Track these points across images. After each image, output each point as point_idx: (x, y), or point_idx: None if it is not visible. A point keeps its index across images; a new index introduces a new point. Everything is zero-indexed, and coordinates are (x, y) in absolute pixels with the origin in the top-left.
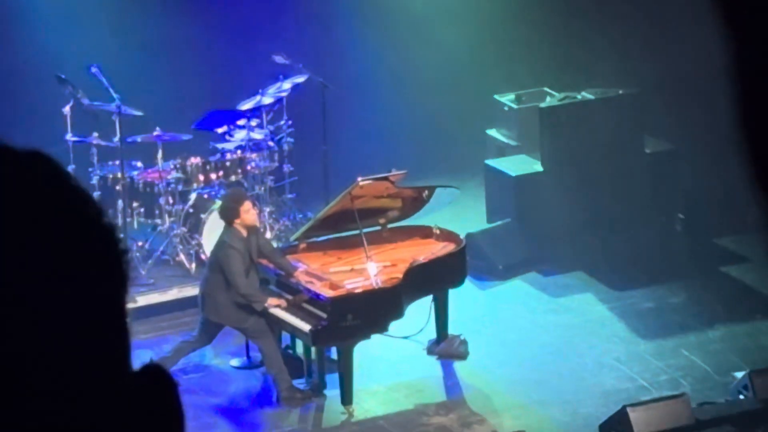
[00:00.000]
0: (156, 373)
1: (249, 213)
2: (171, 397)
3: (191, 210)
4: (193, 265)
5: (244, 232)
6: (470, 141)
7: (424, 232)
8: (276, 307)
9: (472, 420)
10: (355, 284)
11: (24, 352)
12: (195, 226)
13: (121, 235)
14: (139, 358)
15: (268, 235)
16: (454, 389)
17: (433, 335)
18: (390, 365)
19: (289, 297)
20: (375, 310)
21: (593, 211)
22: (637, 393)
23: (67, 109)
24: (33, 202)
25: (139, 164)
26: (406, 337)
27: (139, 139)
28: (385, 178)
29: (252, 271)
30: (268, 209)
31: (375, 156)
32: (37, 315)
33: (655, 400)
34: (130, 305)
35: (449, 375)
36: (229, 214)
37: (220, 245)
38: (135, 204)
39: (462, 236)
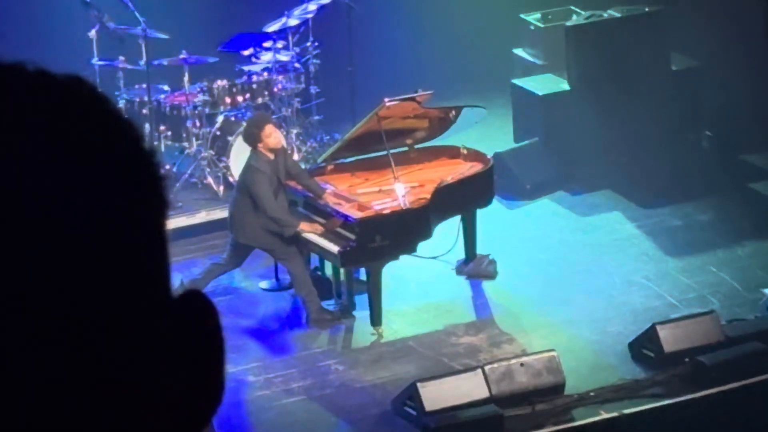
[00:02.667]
0: (197, 299)
1: (271, 137)
2: (213, 323)
3: (218, 133)
4: (221, 188)
5: (270, 155)
6: (496, 60)
7: (452, 152)
8: (309, 231)
9: (501, 339)
10: (383, 205)
11: (64, 280)
12: (222, 148)
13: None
14: None
15: (296, 157)
16: (482, 309)
17: (462, 255)
18: (419, 286)
19: (320, 220)
20: (403, 231)
21: (620, 130)
22: (666, 311)
23: (92, 33)
24: (74, 128)
25: (166, 87)
26: (434, 258)
27: (165, 62)
28: (412, 99)
29: (281, 193)
30: (295, 131)
31: (401, 76)
32: (80, 241)
33: (684, 318)
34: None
35: (478, 295)
36: (252, 139)
37: (247, 169)
38: (162, 127)
39: (489, 156)
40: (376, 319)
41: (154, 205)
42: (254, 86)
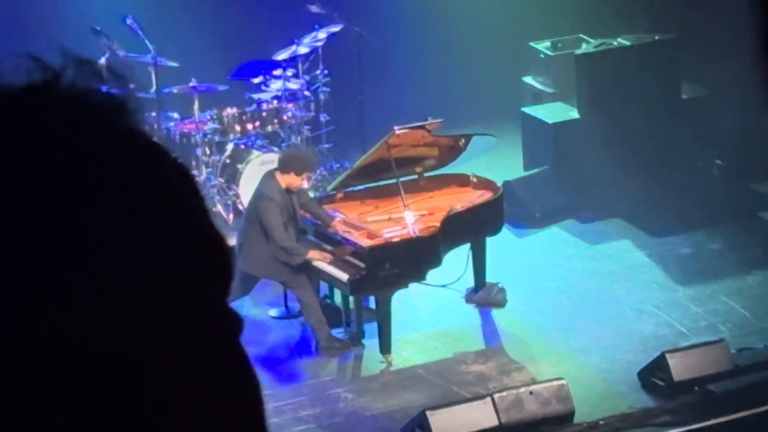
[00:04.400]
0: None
1: (299, 181)
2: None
3: (228, 161)
4: (231, 216)
5: (284, 185)
6: (506, 88)
7: (461, 180)
8: (318, 259)
9: (511, 368)
10: (392, 233)
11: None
12: (232, 176)
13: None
14: None
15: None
16: (492, 337)
17: (471, 283)
18: (428, 314)
19: (330, 249)
20: (413, 259)
21: (630, 158)
22: (676, 339)
23: (102, 61)
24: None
25: (176, 115)
26: (443, 286)
27: (175, 90)
28: (422, 127)
29: (291, 225)
30: None
31: (411, 104)
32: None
33: (693, 346)
34: None
35: (487, 323)
36: (286, 166)
37: (258, 196)
38: None
39: (499, 184)
40: (385, 347)
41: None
42: (264, 114)
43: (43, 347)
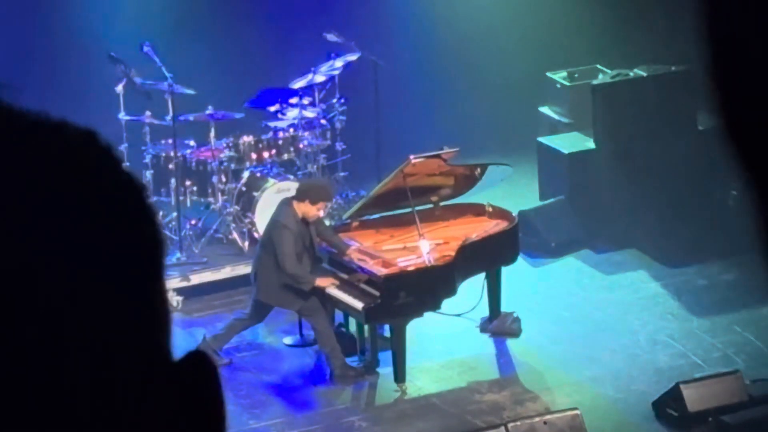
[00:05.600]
0: (199, 362)
1: (314, 210)
2: (214, 390)
3: (244, 188)
4: (246, 244)
5: (300, 214)
6: (522, 118)
7: (477, 210)
8: (325, 286)
9: (525, 397)
10: (407, 262)
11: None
12: (248, 204)
13: (170, 219)
14: (192, 336)
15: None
16: (506, 367)
17: (486, 313)
18: (443, 343)
19: (345, 277)
20: (428, 288)
21: (646, 189)
22: (691, 370)
23: (119, 88)
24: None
25: (192, 143)
26: (458, 315)
27: (191, 117)
28: (438, 156)
29: (306, 254)
30: None
31: (427, 133)
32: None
33: (708, 377)
34: (180, 286)
35: (502, 352)
36: (303, 195)
37: (274, 224)
38: (188, 182)
39: (514, 214)
40: (400, 376)
41: (151, 259)
42: (280, 142)
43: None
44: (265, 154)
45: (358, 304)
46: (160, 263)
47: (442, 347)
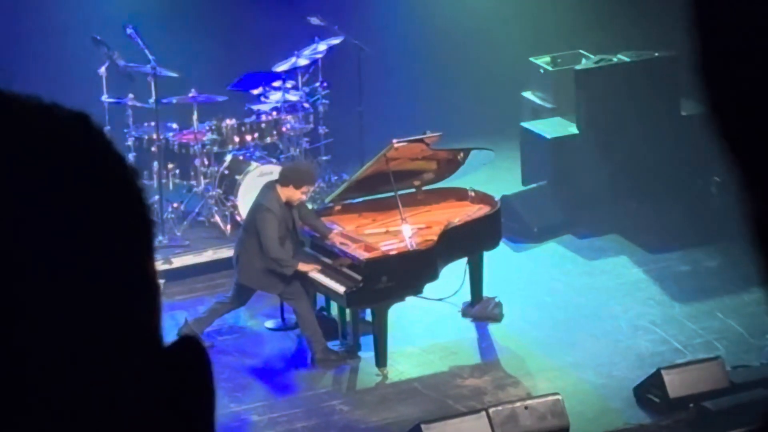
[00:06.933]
0: (191, 347)
1: (299, 194)
2: (205, 374)
3: (226, 171)
4: (228, 227)
5: (284, 198)
6: (505, 103)
7: (459, 195)
8: (307, 271)
9: (507, 382)
10: (389, 246)
11: (46, 322)
12: (230, 187)
13: (153, 201)
14: (174, 319)
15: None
16: (488, 351)
17: (468, 297)
18: (424, 327)
19: (327, 261)
20: (409, 272)
21: (628, 174)
22: (672, 356)
23: (102, 71)
24: (71, 161)
25: (175, 126)
26: (440, 300)
27: (174, 100)
28: (420, 140)
29: (289, 238)
30: None
31: (410, 118)
32: (65, 274)
33: (689, 363)
34: (162, 269)
35: (484, 337)
36: (286, 180)
37: (257, 207)
38: (170, 165)
39: (497, 198)
40: (381, 360)
41: (142, 243)
42: (263, 126)
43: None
44: (248, 138)
45: (340, 288)
46: (151, 246)
47: (424, 332)
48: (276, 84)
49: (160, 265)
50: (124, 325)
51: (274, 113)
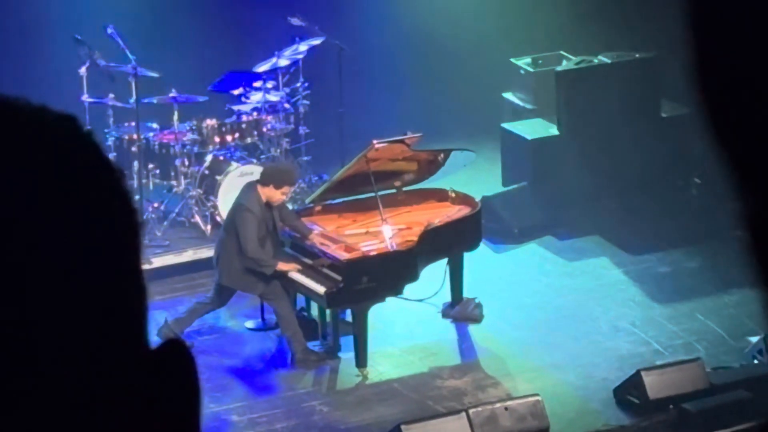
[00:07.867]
0: (176, 350)
1: (279, 194)
2: (191, 377)
3: (207, 172)
4: (209, 227)
5: (264, 199)
6: (486, 104)
7: (440, 195)
8: (287, 270)
9: (487, 383)
10: (370, 247)
11: (33, 322)
12: (210, 187)
13: (137, 203)
14: (153, 319)
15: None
16: (468, 352)
17: (448, 298)
18: (404, 328)
19: (307, 261)
20: (390, 273)
21: (609, 175)
22: (652, 357)
23: (83, 70)
24: (59, 164)
25: (155, 125)
26: (420, 300)
27: (155, 100)
28: (401, 141)
29: (269, 239)
30: None
31: (390, 118)
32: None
33: (669, 365)
34: (145, 269)
35: (464, 338)
36: (268, 179)
37: (237, 208)
38: (150, 165)
39: (477, 199)
40: (361, 361)
41: (130, 245)
42: (243, 126)
43: None
44: (229, 138)
45: (320, 289)
46: (139, 248)
47: (404, 332)
48: (257, 84)
49: None
50: (113, 327)
51: (255, 114)
